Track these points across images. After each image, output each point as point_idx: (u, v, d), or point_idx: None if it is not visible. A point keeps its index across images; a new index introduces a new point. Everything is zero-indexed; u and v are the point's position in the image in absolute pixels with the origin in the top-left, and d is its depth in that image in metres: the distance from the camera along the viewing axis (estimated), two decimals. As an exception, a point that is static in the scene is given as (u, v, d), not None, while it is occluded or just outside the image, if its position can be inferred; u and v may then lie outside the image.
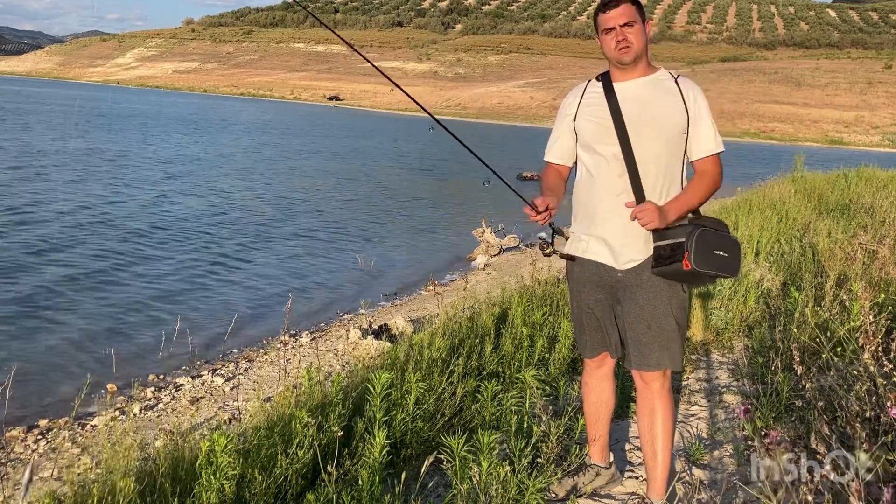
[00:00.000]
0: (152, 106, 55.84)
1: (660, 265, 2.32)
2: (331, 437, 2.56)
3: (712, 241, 2.29)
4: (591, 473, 2.75)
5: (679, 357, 2.43)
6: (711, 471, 2.93)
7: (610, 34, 2.36)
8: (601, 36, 2.40)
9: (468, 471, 2.34)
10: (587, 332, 2.57)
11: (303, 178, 19.76)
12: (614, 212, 2.38)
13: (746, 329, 4.64)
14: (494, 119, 73.75)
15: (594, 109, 2.43)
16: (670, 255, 2.29)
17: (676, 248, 2.27)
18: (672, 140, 2.36)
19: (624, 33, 2.33)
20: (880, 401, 2.20)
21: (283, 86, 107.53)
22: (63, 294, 7.65)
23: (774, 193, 9.70)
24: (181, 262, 9.43)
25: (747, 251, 6.68)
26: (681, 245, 2.27)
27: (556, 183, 2.54)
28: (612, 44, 2.35)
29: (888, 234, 6.32)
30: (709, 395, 3.79)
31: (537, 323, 4.03)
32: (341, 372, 3.88)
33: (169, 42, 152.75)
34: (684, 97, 2.37)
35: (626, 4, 2.34)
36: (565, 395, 3.51)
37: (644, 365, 2.42)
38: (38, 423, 4.77)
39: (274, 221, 12.89)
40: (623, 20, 2.33)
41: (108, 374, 5.54)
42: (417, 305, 7.92)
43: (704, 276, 2.31)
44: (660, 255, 2.32)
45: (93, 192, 14.25)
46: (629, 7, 2.34)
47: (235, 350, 6.42)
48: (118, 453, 2.31)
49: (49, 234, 10.27)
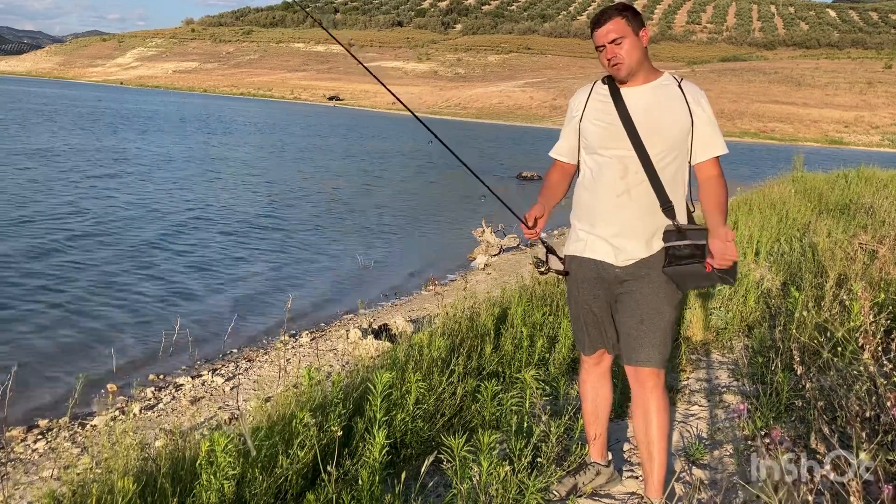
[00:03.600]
0: (163, 106, 56.21)
1: (675, 264, 2.35)
2: (331, 437, 2.56)
3: None
4: (591, 472, 2.75)
5: (668, 356, 2.47)
6: (711, 471, 2.93)
7: (602, 51, 2.39)
8: (597, 51, 2.44)
9: (468, 471, 2.34)
10: (585, 329, 2.59)
11: (302, 177, 19.76)
12: (615, 212, 2.42)
13: (746, 329, 4.64)
14: (494, 119, 73.74)
15: (601, 113, 2.45)
16: (690, 255, 2.33)
17: (698, 250, 2.32)
18: (677, 144, 2.39)
19: (614, 51, 2.35)
20: (880, 401, 2.20)
21: (283, 86, 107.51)
22: (63, 294, 7.65)
23: (774, 193, 9.69)
24: (181, 262, 9.43)
25: (747, 251, 6.69)
26: (702, 247, 2.31)
27: (558, 180, 2.61)
28: (605, 60, 2.39)
29: (888, 234, 6.32)
30: (709, 395, 3.79)
31: (537, 323, 4.03)
32: (341, 372, 3.88)
33: (169, 42, 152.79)
34: (688, 101, 2.39)
35: (615, 20, 2.34)
36: (565, 395, 3.51)
37: (634, 360, 2.44)
38: (38, 423, 4.76)
39: (274, 221, 12.88)
40: (611, 37, 2.34)
41: (108, 374, 5.55)
42: (417, 305, 7.92)
43: (716, 279, 2.36)
44: (677, 254, 2.34)
45: (94, 192, 14.25)
46: (618, 22, 2.34)
47: (235, 350, 6.42)
48: (118, 453, 2.30)
49: (49, 235, 10.27)
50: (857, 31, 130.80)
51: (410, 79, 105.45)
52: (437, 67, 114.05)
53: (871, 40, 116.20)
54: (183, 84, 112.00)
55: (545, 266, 2.55)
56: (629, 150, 2.37)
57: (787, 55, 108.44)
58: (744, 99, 74.29)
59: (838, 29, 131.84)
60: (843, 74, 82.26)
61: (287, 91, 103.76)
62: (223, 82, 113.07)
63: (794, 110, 71.34)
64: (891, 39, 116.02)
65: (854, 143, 61.63)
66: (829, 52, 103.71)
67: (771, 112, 70.97)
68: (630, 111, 2.38)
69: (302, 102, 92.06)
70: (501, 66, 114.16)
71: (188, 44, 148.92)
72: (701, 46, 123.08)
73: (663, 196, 2.37)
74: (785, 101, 74.18)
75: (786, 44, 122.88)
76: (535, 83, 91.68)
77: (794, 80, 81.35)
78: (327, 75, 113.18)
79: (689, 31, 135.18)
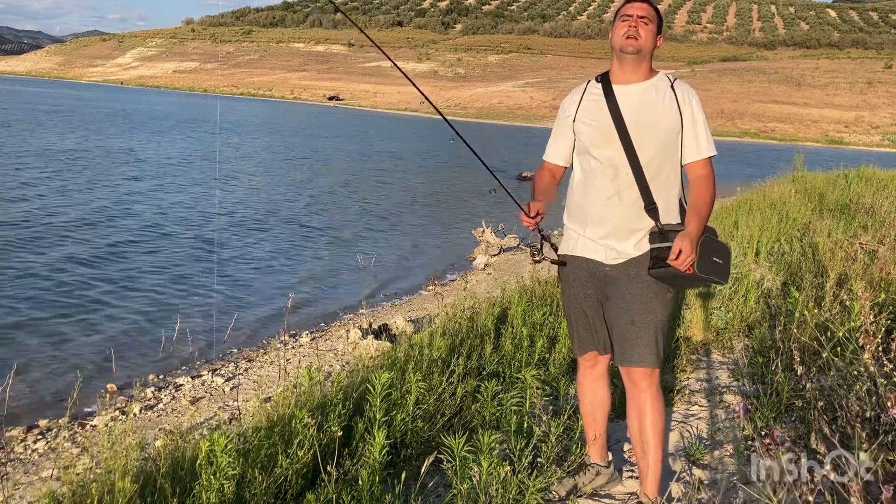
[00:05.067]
0: (168, 107, 56.34)
1: (658, 266, 2.34)
2: (331, 437, 2.56)
3: (712, 247, 2.36)
4: (591, 473, 2.75)
5: (661, 356, 2.46)
6: (711, 471, 2.93)
7: (625, 21, 2.40)
8: (616, 22, 2.45)
9: (468, 471, 2.34)
10: (576, 329, 2.60)
11: (302, 177, 19.76)
12: (605, 214, 2.43)
13: (746, 329, 4.64)
14: (494, 119, 73.68)
15: (593, 112, 2.46)
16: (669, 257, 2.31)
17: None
18: (667, 145, 2.40)
19: (638, 23, 2.38)
20: (880, 401, 2.20)
21: (282, 86, 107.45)
22: (63, 294, 7.65)
23: (774, 193, 9.69)
24: (180, 262, 9.43)
25: (747, 251, 6.68)
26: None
27: (548, 184, 2.60)
28: (623, 30, 2.40)
29: (888, 234, 6.32)
30: (709, 395, 3.79)
31: (537, 323, 4.03)
32: (341, 372, 3.88)
33: (169, 42, 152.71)
34: (679, 102, 2.40)
35: (650, 6, 2.42)
36: (565, 395, 3.51)
37: (626, 360, 2.44)
38: (38, 423, 4.76)
39: (274, 221, 12.88)
40: (642, 13, 2.40)
41: (108, 374, 5.55)
42: (417, 305, 7.91)
43: (701, 280, 2.36)
44: (660, 256, 2.34)
45: (95, 194, 14.25)
46: (651, 9, 2.42)
47: (235, 350, 6.42)
48: (118, 453, 2.30)
49: (49, 235, 10.27)
50: (858, 31, 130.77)
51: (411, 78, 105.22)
52: (437, 67, 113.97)
53: (872, 40, 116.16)
54: (183, 84, 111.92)
55: (540, 255, 2.56)
56: (619, 151, 2.38)
57: (787, 55, 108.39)
58: (744, 99, 74.27)
59: (838, 29, 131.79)
60: (843, 74, 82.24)
61: (287, 91, 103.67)
62: (223, 82, 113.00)
63: (795, 110, 71.31)
64: (891, 39, 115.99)
65: (854, 143, 61.60)
66: (829, 52, 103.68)
67: (771, 112, 70.94)
68: (621, 110, 2.39)
69: (302, 102, 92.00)
70: (501, 66, 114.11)
71: (188, 44, 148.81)
72: (701, 46, 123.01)
73: (648, 197, 2.38)
74: (785, 101, 74.16)
75: (786, 44, 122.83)
76: (535, 83, 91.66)
77: (794, 80, 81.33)
78: (327, 75, 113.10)
79: (689, 31, 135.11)
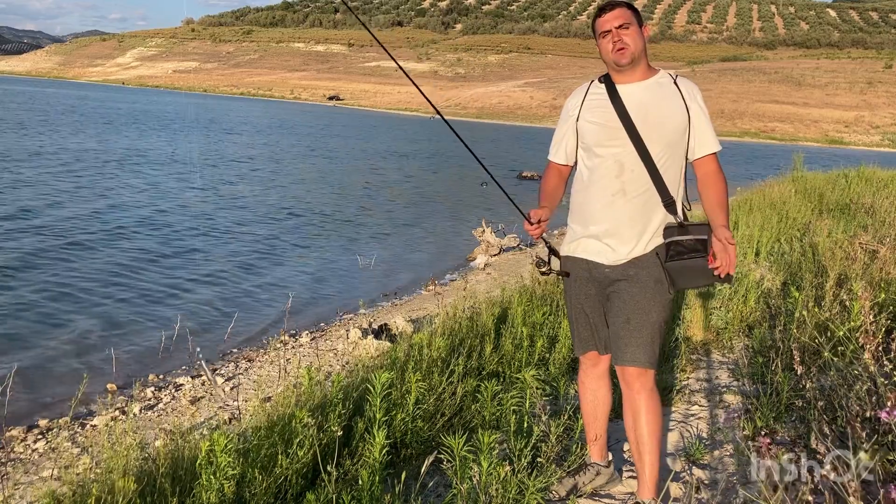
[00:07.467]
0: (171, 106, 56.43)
1: (678, 258, 2.36)
2: (331, 437, 2.56)
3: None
4: (591, 472, 2.75)
5: (656, 357, 2.44)
6: (711, 471, 2.93)
7: (607, 37, 2.39)
8: (599, 40, 2.43)
9: (468, 471, 2.34)
10: (577, 329, 2.60)
11: (302, 177, 19.76)
12: (608, 211, 2.43)
13: (746, 329, 4.64)
14: (494, 119, 73.71)
15: (598, 111, 2.45)
16: (693, 248, 2.35)
17: (701, 244, 2.35)
18: (674, 142, 2.39)
19: (620, 34, 2.36)
20: (880, 401, 2.20)
21: (283, 85, 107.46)
22: (63, 294, 7.65)
23: (774, 193, 9.69)
24: (180, 262, 9.43)
25: (748, 251, 6.68)
26: (704, 242, 2.35)
27: (555, 184, 2.59)
28: (609, 46, 2.38)
29: (888, 233, 6.31)
30: (709, 395, 3.79)
31: (537, 323, 4.03)
32: (341, 372, 3.88)
33: (169, 42, 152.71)
34: (685, 98, 2.40)
35: (622, 8, 2.38)
36: (565, 395, 3.51)
37: (620, 360, 2.44)
38: (38, 423, 4.76)
39: (273, 221, 12.88)
40: (618, 22, 2.37)
41: (108, 374, 5.54)
42: (417, 305, 7.91)
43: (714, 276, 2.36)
44: (680, 248, 2.36)
45: (96, 193, 14.25)
46: (624, 10, 2.38)
47: (235, 350, 6.42)
48: (118, 453, 2.30)
49: (49, 235, 10.27)
50: (858, 30, 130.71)
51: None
52: (437, 67, 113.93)
53: (872, 40, 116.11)
54: (183, 84, 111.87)
55: (547, 266, 2.56)
56: (626, 148, 2.38)
57: (787, 55, 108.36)
58: (744, 99, 74.26)
59: (838, 29, 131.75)
60: (843, 74, 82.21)
61: (287, 91, 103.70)
62: (223, 82, 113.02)
63: (795, 110, 71.31)
64: (891, 39, 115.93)
65: (854, 143, 61.62)
66: (829, 52, 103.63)
67: (771, 112, 70.95)
68: (627, 108, 2.38)
69: (302, 102, 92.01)
70: (501, 66, 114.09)
71: (188, 43, 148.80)
72: (701, 46, 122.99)
73: (665, 193, 2.38)
74: (785, 100, 74.15)
75: (786, 44, 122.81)
76: (535, 83, 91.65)
77: (794, 79, 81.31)
78: (327, 75, 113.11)
79: (689, 31, 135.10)
